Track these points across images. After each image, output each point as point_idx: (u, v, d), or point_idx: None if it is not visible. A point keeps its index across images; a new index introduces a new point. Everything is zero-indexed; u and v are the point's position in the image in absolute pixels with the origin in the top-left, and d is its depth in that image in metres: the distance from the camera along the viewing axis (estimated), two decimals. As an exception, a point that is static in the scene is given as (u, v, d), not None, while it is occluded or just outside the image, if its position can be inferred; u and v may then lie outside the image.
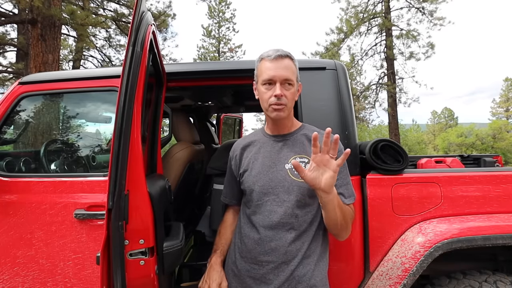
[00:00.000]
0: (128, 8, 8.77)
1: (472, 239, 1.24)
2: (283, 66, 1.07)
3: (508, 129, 19.45)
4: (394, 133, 13.41)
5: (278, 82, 1.07)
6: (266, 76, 1.08)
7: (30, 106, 1.82)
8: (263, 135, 1.23)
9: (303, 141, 1.16)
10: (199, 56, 20.51)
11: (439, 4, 12.64)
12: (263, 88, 1.10)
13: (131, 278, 1.12)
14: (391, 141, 1.46)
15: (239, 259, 1.15)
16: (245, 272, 1.12)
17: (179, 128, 2.23)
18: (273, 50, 1.11)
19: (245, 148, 1.24)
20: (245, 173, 1.18)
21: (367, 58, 14.08)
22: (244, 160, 1.21)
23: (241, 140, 1.28)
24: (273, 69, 1.07)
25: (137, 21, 1.13)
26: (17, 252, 1.43)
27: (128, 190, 1.09)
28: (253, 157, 1.18)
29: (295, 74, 1.11)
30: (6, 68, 9.27)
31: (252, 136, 1.27)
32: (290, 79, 1.08)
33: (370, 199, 1.37)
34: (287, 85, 1.08)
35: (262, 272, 1.08)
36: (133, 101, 1.10)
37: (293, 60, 1.12)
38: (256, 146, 1.21)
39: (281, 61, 1.08)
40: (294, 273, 1.06)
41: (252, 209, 1.15)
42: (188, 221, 2.42)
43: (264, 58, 1.11)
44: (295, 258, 1.07)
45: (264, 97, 1.10)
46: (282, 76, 1.07)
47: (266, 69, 1.09)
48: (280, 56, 1.08)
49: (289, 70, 1.08)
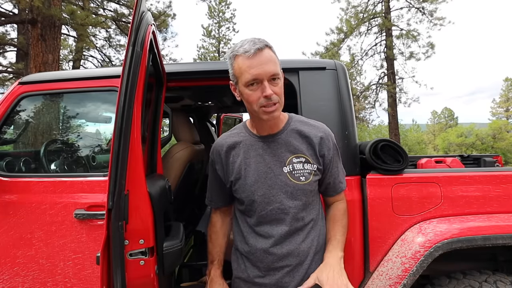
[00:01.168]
0: (128, 8, 8.77)
1: (472, 239, 1.24)
2: (266, 60, 0.93)
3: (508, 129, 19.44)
4: (394, 133, 13.41)
5: (265, 80, 0.93)
6: (250, 76, 0.93)
7: (30, 106, 1.82)
8: (249, 135, 1.10)
9: (296, 138, 1.07)
10: (199, 56, 20.51)
11: (439, 4, 12.66)
12: (248, 90, 0.96)
13: (131, 278, 1.12)
14: (391, 141, 1.46)
15: (250, 267, 1.10)
16: (259, 279, 1.08)
17: (179, 128, 2.23)
18: (248, 42, 0.95)
19: (230, 151, 1.10)
20: (238, 181, 1.08)
21: (367, 58, 14.10)
22: (232, 165, 1.09)
23: (222, 141, 1.13)
24: (256, 66, 0.92)
25: (137, 21, 1.13)
26: (17, 252, 1.43)
27: (128, 190, 1.09)
28: (243, 162, 1.07)
29: (279, 64, 0.98)
30: (6, 68, 9.28)
31: (235, 136, 1.12)
32: (277, 73, 0.94)
33: (370, 199, 1.37)
34: (273, 80, 0.95)
35: (278, 277, 1.06)
36: (133, 101, 1.10)
37: (271, 48, 0.98)
38: (243, 148, 1.08)
39: (261, 54, 0.93)
40: (308, 271, 1.06)
41: (255, 219, 1.08)
42: (188, 221, 2.42)
43: (241, 55, 0.95)
44: (308, 257, 1.07)
45: (250, 100, 0.96)
46: (269, 72, 0.93)
47: (247, 68, 0.93)
48: (260, 49, 0.93)
49: (273, 63, 0.94)
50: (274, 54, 0.98)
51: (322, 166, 1.09)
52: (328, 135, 1.10)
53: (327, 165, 1.09)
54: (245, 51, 0.94)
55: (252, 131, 1.11)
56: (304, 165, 1.06)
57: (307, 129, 1.09)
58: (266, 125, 1.06)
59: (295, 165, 1.05)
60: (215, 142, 1.17)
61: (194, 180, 2.49)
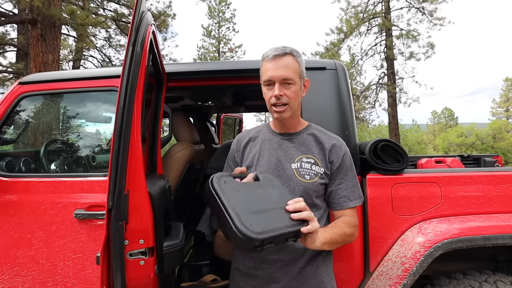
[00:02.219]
0: (128, 8, 8.77)
1: (472, 239, 1.24)
2: (281, 66, 1.05)
3: (508, 129, 19.46)
4: (394, 133, 13.41)
5: (277, 82, 1.06)
6: (266, 77, 1.08)
7: (30, 106, 1.82)
8: (269, 132, 1.21)
9: (310, 141, 1.15)
10: (199, 56, 20.52)
11: (439, 4, 12.66)
12: (265, 89, 1.10)
13: (131, 278, 1.12)
14: (391, 141, 1.46)
15: (247, 258, 1.13)
16: (253, 271, 1.10)
17: (179, 128, 2.23)
18: (273, 49, 1.09)
19: (249, 143, 1.22)
20: (249, 169, 1.15)
21: (367, 58, 14.10)
22: (248, 155, 1.19)
23: (245, 133, 1.26)
24: (271, 69, 1.06)
25: (137, 21, 1.13)
26: (17, 252, 1.43)
27: (128, 190, 1.09)
28: (258, 153, 1.17)
29: (296, 71, 1.08)
30: (6, 68, 9.27)
31: (256, 131, 1.25)
32: (289, 78, 1.06)
33: (370, 199, 1.37)
34: (287, 84, 1.06)
35: (270, 271, 1.07)
36: (133, 101, 1.10)
37: (295, 57, 1.09)
38: (260, 142, 1.19)
39: (279, 60, 1.06)
40: (302, 271, 1.06)
41: None
42: (188, 221, 2.42)
43: (264, 59, 1.10)
44: (303, 256, 1.07)
45: (266, 98, 1.11)
46: (280, 76, 1.05)
47: (265, 70, 1.08)
48: (278, 56, 1.06)
49: (289, 69, 1.06)
50: (295, 62, 1.08)
51: (330, 171, 1.12)
52: (341, 145, 1.15)
53: (334, 172, 1.12)
54: (267, 56, 1.09)
55: (272, 128, 1.21)
56: (312, 166, 1.10)
57: (323, 136, 1.17)
58: (281, 123, 1.16)
59: (304, 164, 1.11)
60: (239, 134, 1.28)
61: (194, 180, 2.49)
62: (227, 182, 0.94)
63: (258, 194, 0.93)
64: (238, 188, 0.94)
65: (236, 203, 0.86)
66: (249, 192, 0.93)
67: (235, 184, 0.96)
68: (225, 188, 0.91)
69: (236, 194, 0.90)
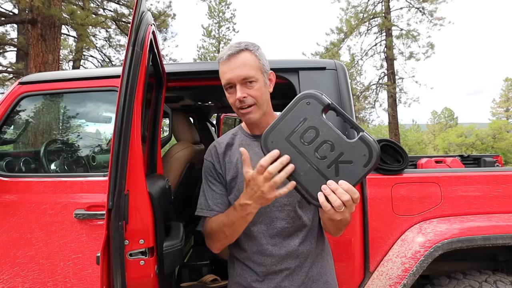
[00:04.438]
0: (128, 8, 8.77)
1: (472, 239, 1.24)
2: (238, 65, 0.97)
3: (508, 129, 19.46)
4: (394, 133, 13.42)
5: (238, 83, 0.97)
6: (224, 81, 1.00)
7: (30, 106, 1.82)
8: (245, 136, 1.12)
9: None
10: (199, 56, 20.53)
11: (439, 4, 12.67)
12: (227, 94, 1.03)
13: (131, 278, 1.12)
14: (391, 141, 1.46)
15: (248, 271, 1.06)
16: (256, 283, 1.04)
17: (179, 128, 2.23)
18: (226, 48, 1.00)
19: (226, 152, 1.10)
20: (234, 180, 1.06)
21: (367, 58, 14.11)
22: (229, 164, 1.08)
23: (219, 142, 1.14)
24: (228, 71, 0.98)
25: (137, 21, 1.13)
26: (17, 252, 1.43)
27: (128, 190, 1.09)
28: (240, 161, 1.05)
29: (257, 67, 0.99)
30: (6, 68, 9.27)
31: (230, 138, 1.13)
32: (250, 76, 0.97)
33: (370, 199, 1.37)
34: (249, 83, 0.98)
35: (276, 281, 1.02)
36: (133, 101, 1.10)
37: (252, 51, 1.00)
38: (239, 148, 1.07)
39: (235, 59, 0.97)
40: (308, 274, 1.04)
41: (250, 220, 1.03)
42: (188, 221, 2.42)
43: (220, 62, 1.01)
44: (307, 259, 1.04)
45: (230, 102, 1.03)
46: (239, 76, 0.96)
47: (222, 73, 1.00)
48: (232, 55, 0.97)
49: (247, 66, 0.97)
50: (253, 57, 0.99)
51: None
52: None
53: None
54: (221, 57, 1.00)
55: (247, 131, 1.13)
56: None
57: None
58: (254, 126, 1.08)
59: None
60: (210, 144, 1.16)
61: (194, 180, 2.49)
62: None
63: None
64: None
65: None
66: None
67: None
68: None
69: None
